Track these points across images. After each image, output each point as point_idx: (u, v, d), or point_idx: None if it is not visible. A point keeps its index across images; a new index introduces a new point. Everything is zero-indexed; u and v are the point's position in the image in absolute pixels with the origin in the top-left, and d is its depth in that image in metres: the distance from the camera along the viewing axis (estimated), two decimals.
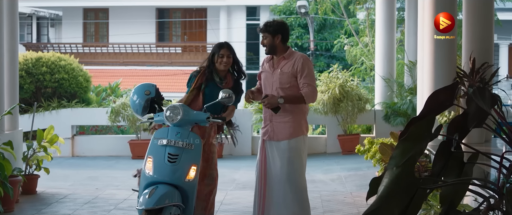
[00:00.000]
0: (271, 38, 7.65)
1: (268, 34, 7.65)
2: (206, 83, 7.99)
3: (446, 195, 4.32)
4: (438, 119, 9.82)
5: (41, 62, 17.50)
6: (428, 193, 4.49)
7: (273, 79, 7.67)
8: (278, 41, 7.66)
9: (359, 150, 11.04)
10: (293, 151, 7.62)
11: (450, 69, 10.58)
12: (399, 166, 4.06)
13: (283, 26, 7.78)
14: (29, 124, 12.02)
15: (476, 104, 4.20)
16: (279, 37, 7.67)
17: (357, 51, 20.03)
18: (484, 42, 10.81)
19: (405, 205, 4.12)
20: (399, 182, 4.03)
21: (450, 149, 4.31)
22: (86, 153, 16.50)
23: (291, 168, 7.57)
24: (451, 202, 4.30)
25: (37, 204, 10.03)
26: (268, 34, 7.65)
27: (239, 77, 8.13)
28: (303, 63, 7.64)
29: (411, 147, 4.12)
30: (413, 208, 4.13)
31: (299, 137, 7.66)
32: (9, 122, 10.72)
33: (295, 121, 7.65)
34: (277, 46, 7.68)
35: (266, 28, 7.66)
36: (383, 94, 16.65)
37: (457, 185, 4.32)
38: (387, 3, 17.10)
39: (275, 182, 7.60)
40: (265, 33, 7.66)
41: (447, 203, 4.31)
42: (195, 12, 38.42)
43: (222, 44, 8.04)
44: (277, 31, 7.66)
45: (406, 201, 4.10)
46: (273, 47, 7.66)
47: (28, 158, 10.59)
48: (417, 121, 4.20)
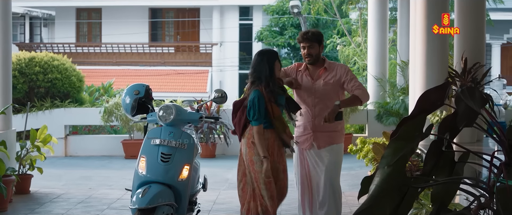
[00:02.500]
0: (318, 47, 7.55)
1: (315, 43, 7.52)
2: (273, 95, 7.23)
3: (437, 194, 4.36)
4: (430, 118, 9.86)
5: (34, 62, 17.50)
6: (420, 192, 4.55)
7: (314, 90, 7.55)
8: (321, 51, 7.62)
9: (352, 150, 11.09)
10: (336, 155, 7.61)
11: (442, 69, 10.62)
12: (390, 165, 4.10)
13: (323, 36, 7.72)
14: (22, 123, 12.06)
15: (466, 104, 4.24)
16: (322, 47, 7.63)
17: (350, 51, 20.10)
18: (476, 42, 10.84)
19: (396, 204, 4.16)
20: (391, 181, 4.07)
21: (441, 148, 4.35)
22: (79, 153, 16.51)
23: (333, 173, 7.58)
24: (442, 201, 4.33)
25: (31, 203, 10.05)
26: (315, 43, 7.52)
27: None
28: (347, 70, 7.62)
29: (402, 146, 4.16)
30: (404, 207, 4.16)
31: (340, 144, 7.67)
32: (2, 122, 10.74)
33: (340, 129, 7.67)
34: (319, 56, 7.61)
35: (314, 36, 7.52)
36: (375, 94, 16.68)
37: (448, 184, 4.35)
38: (380, 3, 17.16)
39: (320, 186, 7.56)
40: (312, 43, 7.50)
41: (438, 202, 4.35)
42: (188, 12, 38.47)
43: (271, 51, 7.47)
44: (321, 41, 7.61)
45: (398, 200, 4.14)
46: (318, 56, 7.56)
47: (22, 158, 10.62)
48: (408, 121, 4.24)
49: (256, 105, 7.03)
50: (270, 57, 7.17)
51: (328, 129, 7.52)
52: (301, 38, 7.56)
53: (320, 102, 7.55)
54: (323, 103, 7.52)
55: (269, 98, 7.08)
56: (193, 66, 35.92)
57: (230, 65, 37.28)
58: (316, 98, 7.56)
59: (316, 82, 7.57)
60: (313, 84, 7.57)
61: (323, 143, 7.58)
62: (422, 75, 10.51)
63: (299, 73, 7.70)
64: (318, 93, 7.55)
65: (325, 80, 7.53)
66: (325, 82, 7.53)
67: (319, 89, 7.55)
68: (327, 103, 7.47)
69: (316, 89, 7.55)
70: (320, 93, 7.54)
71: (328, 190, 7.53)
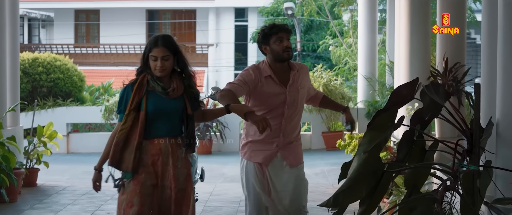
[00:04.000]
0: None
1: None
2: (147, 97, 5.70)
3: (410, 178, 4.94)
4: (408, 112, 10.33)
5: (37, 63, 18.13)
6: (394, 177, 5.13)
7: (288, 100, 6.14)
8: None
9: (340, 145, 11.66)
10: (303, 175, 6.36)
11: (424, 69, 11.09)
12: (366, 152, 4.69)
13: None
14: (25, 121, 12.75)
15: (430, 98, 4.83)
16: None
17: (341, 51, 20.51)
18: (457, 43, 11.29)
19: (372, 187, 4.74)
20: (367, 166, 4.66)
21: (412, 138, 4.94)
22: (80, 150, 17.11)
23: (304, 196, 6.33)
24: (415, 185, 4.91)
25: (39, 195, 10.67)
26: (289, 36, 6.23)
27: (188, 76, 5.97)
28: (307, 71, 6.53)
29: (377, 135, 4.75)
30: (380, 189, 4.76)
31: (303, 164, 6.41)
32: (11, 119, 11.33)
33: (300, 138, 6.44)
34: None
35: (290, 30, 6.25)
36: (365, 93, 17.15)
37: (419, 170, 4.94)
38: (369, 6, 17.56)
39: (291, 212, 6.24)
40: (290, 35, 6.22)
41: (411, 186, 4.94)
42: (185, 13, 38.78)
43: (156, 39, 5.80)
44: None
45: (373, 183, 4.72)
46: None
47: (29, 153, 11.23)
48: (382, 113, 4.83)
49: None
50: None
51: (294, 140, 6.29)
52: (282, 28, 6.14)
53: (293, 114, 6.20)
54: (295, 114, 6.22)
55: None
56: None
57: (225, 66, 37.67)
58: (290, 109, 6.16)
59: (290, 88, 6.14)
60: (288, 92, 6.13)
61: (297, 159, 6.30)
62: (406, 75, 10.91)
63: (267, 79, 6.13)
64: (292, 102, 6.16)
65: (299, 86, 6.20)
66: (303, 86, 6.26)
67: (295, 98, 6.17)
68: (295, 115, 6.22)
69: (292, 97, 6.15)
70: (295, 102, 6.19)
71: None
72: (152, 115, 5.68)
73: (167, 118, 5.73)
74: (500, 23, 4.99)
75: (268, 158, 6.21)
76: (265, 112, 6.08)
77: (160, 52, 5.73)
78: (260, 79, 6.12)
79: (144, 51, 5.85)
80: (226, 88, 6.02)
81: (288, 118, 6.19)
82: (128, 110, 5.64)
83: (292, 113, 6.21)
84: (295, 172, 6.27)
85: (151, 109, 5.67)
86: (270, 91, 6.12)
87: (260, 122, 5.51)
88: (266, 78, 6.12)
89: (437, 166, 4.89)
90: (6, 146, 9.72)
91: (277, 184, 6.21)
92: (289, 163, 6.24)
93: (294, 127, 6.28)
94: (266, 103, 6.13)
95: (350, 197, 4.65)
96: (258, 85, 6.11)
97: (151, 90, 5.72)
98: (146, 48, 5.84)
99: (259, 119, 5.57)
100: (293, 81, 6.18)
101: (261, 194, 6.21)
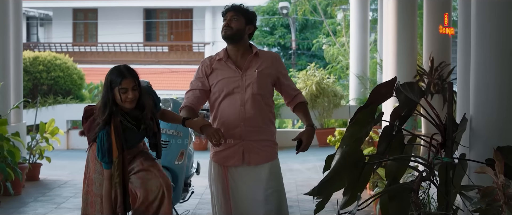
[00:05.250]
0: (243, 24, 5.77)
1: (242, 17, 5.76)
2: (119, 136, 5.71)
3: (390, 170, 5.29)
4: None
5: (38, 61, 18.55)
6: (375, 169, 5.50)
7: (245, 84, 5.70)
8: (248, 33, 5.84)
9: (330, 140, 12.05)
10: (277, 176, 5.85)
11: (411, 68, 11.45)
12: (348, 145, 5.08)
13: (256, 18, 5.95)
14: (27, 117, 13.19)
15: (405, 95, 5.19)
16: (251, 29, 5.86)
17: (334, 50, 20.80)
18: (442, 43, 11.68)
19: (354, 177, 5.12)
20: (348, 158, 5.02)
21: (392, 132, 5.30)
22: (80, 146, 17.39)
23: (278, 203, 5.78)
24: (395, 177, 5.28)
25: (41, 188, 11.06)
26: (241, 16, 5.76)
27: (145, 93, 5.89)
28: (281, 61, 6.00)
29: (358, 130, 5.11)
30: (363, 180, 5.14)
31: (277, 160, 5.90)
32: (14, 116, 11.72)
33: (273, 138, 5.89)
34: (244, 37, 5.81)
35: (240, 9, 5.78)
36: (357, 91, 17.46)
37: (399, 162, 5.29)
38: (361, 5, 17.86)
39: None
40: (238, 15, 5.74)
41: (391, 177, 5.31)
42: (181, 12, 38.95)
43: (120, 71, 5.71)
44: (251, 20, 5.84)
45: (355, 174, 5.08)
46: (241, 35, 5.75)
47: (32, 148, 11.62)
48: (363, 109, 5.21)
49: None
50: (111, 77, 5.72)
51: (262, 137, 5.78)
52: (226, 9, 5.83)
53: (252, 100, 5.70)
54: (255, 101, 5.71)
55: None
56: (187, 64, 36.20)
57: None
58: (247, 94, 5.70)
59: (246, 72, 5.73)
60: (243, 76, 5.72)
61: (259, 158, 5.77)
62: (394, 73, 11.19)
63: (218, 63, 5.81)
64: (250, 87, 5.70)
65: (259, 70, 5.73)
66: (259, 73, 5.72)
67: (251, 82, 5.70)
68: (260, 101, 5.74)
69: (247, 81, 5.70)
70: (253, 87, 5.70)
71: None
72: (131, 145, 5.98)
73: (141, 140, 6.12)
74: (473, 24, 5.24)
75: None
76: (224, 97, 5.73)
77: (130, 83, 5.66)
78: (210, 66, 5.82)
79: (108, 86, 5.68)
80: (186, 105, 5.80)
81: (248, 105, 5.71)
82: (115, 158, 5.70)
83: (252, 99, 5.71)
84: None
85: (130, 145, 5.96)
86: (224, 75, 5.76)
87: (213, 135, 5.42)
88: (218, 62, 5.82)
89: (413, 158, 5.20)
90: (11, 142, 10.10)
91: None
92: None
93: (258, 118, 5.75)
94: (222, 87, 5.73)
95: (333, 186, 5.00)
96: (209, 72, 5.81)
97: (125, 128, 5.76)
98: (110, 82, 5.67)
99: (212, 132, 5.46)
100: (249, 65, 5.77)
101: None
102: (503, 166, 4.51)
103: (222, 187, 5.81)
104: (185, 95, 5.88)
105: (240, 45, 5.80)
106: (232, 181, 5.77)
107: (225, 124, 5.72)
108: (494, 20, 5.06)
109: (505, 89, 5.05)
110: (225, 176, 5.79)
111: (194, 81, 5.87)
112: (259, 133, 5.76)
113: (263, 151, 5.77)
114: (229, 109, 5.72)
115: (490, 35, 5.09)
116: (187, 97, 5.85)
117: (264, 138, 5.80)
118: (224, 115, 5.75)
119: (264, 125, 5.81)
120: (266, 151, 5.80)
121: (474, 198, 4.60)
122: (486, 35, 5.12)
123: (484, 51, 5.14)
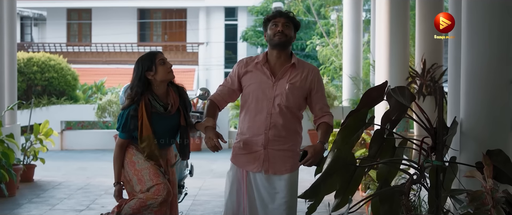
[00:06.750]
0: (293, 31, 5.70)
1: (292, 25, 5.68)
2: (151, 120, 5.96)
3: (382, 173, 5.34)
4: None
5: (32, 62, 18.55)
6: (367, 172, 5.54)
7: (274, 93, 5.61)
8: (293, 40, 5.76)
9: None
10: (293, 188, 5.81)
11: (403, 69, 11.54)
12: (339, 148, 5.13)
13: (300, 26, 5.83)
14: (21, 118, 13.22)
15: (396, 100, 5.24)
16: (294, 38, 5.80)
17: (328, 51, 20.81)
18: (435, 45, 11.76)
19: (346, 180, 5.16)
20: (339, 161, 5.05)
21: (383, 136, 5.34)
22: (74, 147, 17.54)
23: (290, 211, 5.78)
24: (386, 179, 5.32)
25: (36, 190, 11.09)
26: (291, 24, 5.68)
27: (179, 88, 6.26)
28: (319, 75, 5.81)
29: (349, 133, 5.17)
30: (354, 182, 5.19)
31: (296, 171, 5.81)
32: (9, 117, 11.72)
33: (296, 148, 5.75)
34: (289, 46, 5.74)
35: (291, 17, 5.69)
36: (350, 92, 17.46)
37: (390, 166, 5.33)
38: (354, 6, 17.84)
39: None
40: (289, 22, 5.65)
41: (382, 180, 5.36)
42: (175, 12, 39.03)
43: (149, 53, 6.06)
44: (297, 29, 5.77)
45: (346, 177, 5.12)
46: (290, 43, 5.69)
47: (26, 149, 11.65)
48: (354, 113, 5.26)
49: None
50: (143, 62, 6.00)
51: (285, 147, 5.69)
52: (277, 14, 5.71)
53: (279, 110, 5.63)
54: (282, 112, 5.62)
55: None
56: (180, 65, 35.98)
57: (216, 64, 37.98)
58: (275, 103, 5.63)
59: (279, 81, 5.63)
60: (274, 84, 5.64)
61: (283, 168, 5.69)
62: (386, 75, 11.33)
63: (255, 66, 5.73)
64: (279, 97, 5.62)
65: (290, 82, 5.62)
66: (291, 85, 5.61)
67: (281, 92, 5.61)
68: (287, 113, 5.64)
69: (277, 91, 5.62)
70: (282, 98, 5.61)
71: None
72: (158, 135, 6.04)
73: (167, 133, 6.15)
74: (463, 27, 5.30)
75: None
76: (253, 102, 5.68)
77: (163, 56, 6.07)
78: (246, 67, 5.76)
79: (140, 70, 5.94)
80: (210, 99, 5.93)
81: (275, 114, 5.64)
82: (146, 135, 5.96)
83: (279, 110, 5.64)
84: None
85: (159, 131, 6.03)
86: (256, 80, 5.69)
87: (209, 140, 5.55)
88: (255, 65, 5.73)
89: (405, 161, 5.26)
90: (5, 143, 10.13)
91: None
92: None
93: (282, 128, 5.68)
94: (253, 92, 5.69)
95: (325, 189, 5.05)
96: (242, 73, 5.78)
97: (154, 111, 5.96)
98: (142, 66, 5.93)
99: (209, 137, 5.56)
100: (283, 74, 5.66)
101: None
102: (491, 170, 4.56)
103: (237, 187, 5.80)
104: (217, 88, 5.97)
105: (284, 52, 5.71)
106: (249, 184, 5.75)
107: (250, 129, 5.72)
108: (485, 23, 5.12)
109: (495, 93, 5.10)
110: (243, 178, 5.77)
111: (228, 77, 5.91)
112: (282, 143, 5.68)
113: (283, 161, 5.69)
114: (255, 115, 5.70)
115: (480, 39, 5.15)
116: (217, 90, 5.95)
117: (287, 148, 5.71)
118: (251, 120, 5.73)
119: (289, 135, 5.72)
120: (287, 161, 5.70)
121: (464, 201, 4.63)
122: (476, 39, 5.17)
123: (475, 55, 5.19)
